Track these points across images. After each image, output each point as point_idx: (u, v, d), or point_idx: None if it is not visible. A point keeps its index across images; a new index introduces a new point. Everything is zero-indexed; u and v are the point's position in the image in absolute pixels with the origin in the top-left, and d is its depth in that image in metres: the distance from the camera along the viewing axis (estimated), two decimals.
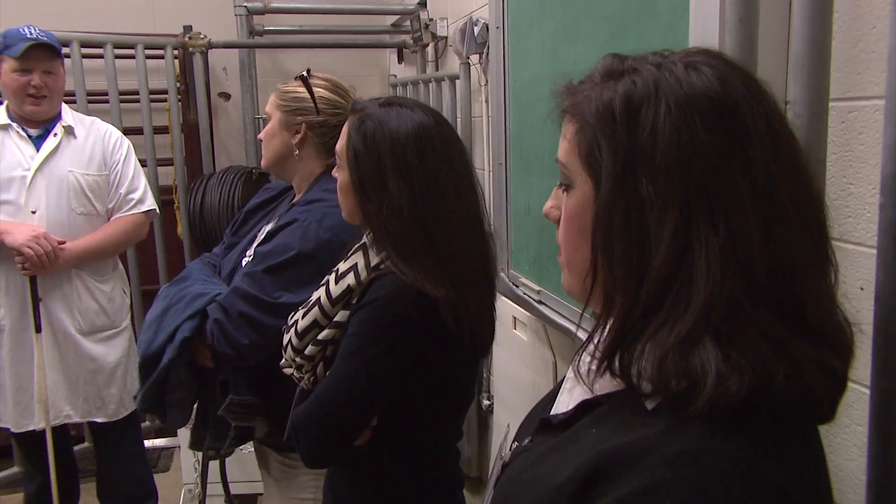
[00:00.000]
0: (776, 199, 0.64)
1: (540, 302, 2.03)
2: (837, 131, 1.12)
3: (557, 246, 0.78)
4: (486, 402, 2.85)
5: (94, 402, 2.72)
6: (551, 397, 0.87)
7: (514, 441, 0.88)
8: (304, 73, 1.76)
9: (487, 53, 2.66)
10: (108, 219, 2.73)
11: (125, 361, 2.77)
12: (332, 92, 1.78)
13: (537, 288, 2.06)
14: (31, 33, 2.52)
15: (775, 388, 0.61)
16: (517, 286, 2.17)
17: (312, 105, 1.74)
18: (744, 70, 0.70)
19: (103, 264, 2.75)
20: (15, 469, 3.33)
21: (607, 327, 0.70)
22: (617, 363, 0.68)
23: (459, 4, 3.17)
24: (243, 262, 1.76)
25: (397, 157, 1.27)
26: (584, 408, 0.74)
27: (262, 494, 1.91)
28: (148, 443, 3.25)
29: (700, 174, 0.64)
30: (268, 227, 1.77)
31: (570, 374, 0.80)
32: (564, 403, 0.80)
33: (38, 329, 2.60)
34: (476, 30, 2.68)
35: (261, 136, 1.83)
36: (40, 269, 2.51)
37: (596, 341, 0.71)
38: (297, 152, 1.76)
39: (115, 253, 2.80)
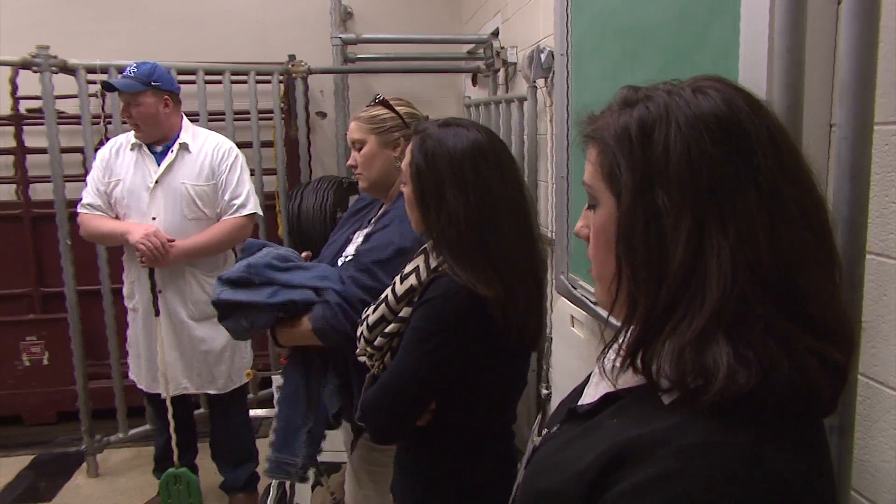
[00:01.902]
0: (780, 203, 0.64)
1: (596, 303, 2.00)
2: (881, 153, 1.07)
3: (589, 260, 0.78)
4: (544, 391, 2.81)
5: (206, 377, 2.83)
6: (580, 390, 0.87)
7: (545, 428, 0.87)
8: (381, 98, 1.78)
9: (552, 78, 2.63)
10: (218, 221, 2.80)
11: (232, 344, 2.86)
12: (407, 106, 1.82)
13: (594, 290, 2.03)
14: (131, 71, 2.64)
15: (780, 381, 0.60)
16: (575, 288, 2.14)
17: (400, 121, 1.77)
18: (747, 92, 0.69)
19: (214, 261, 2.84)
20: (147, 427, 3.48)
21: (630, 328, 0.70)
22: (640, 359, 0.68)
23: (528, 34, 3.14)
24: (339, 262, 1.79)
25: (454, 172, 1.28)
26: (606, 400, 0.74)
27: (345, 463, 1.93)
28: (252, 412, 3.32)
29: (709, 183, 0.64)
30: (365, 231, 1.80)
31: (596, 369, 0.80)
32: (591, 396, 0.80)
33: (157, 313, 2.72)
34: (542, 57, 2.66)
35: (352, 162, 1.82)
36: (154, 262, 2.62)
37: (620, 341, 0.71)
38: (399, 164, 1.77)
39: (220, 251, 2.85)
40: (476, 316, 1.24)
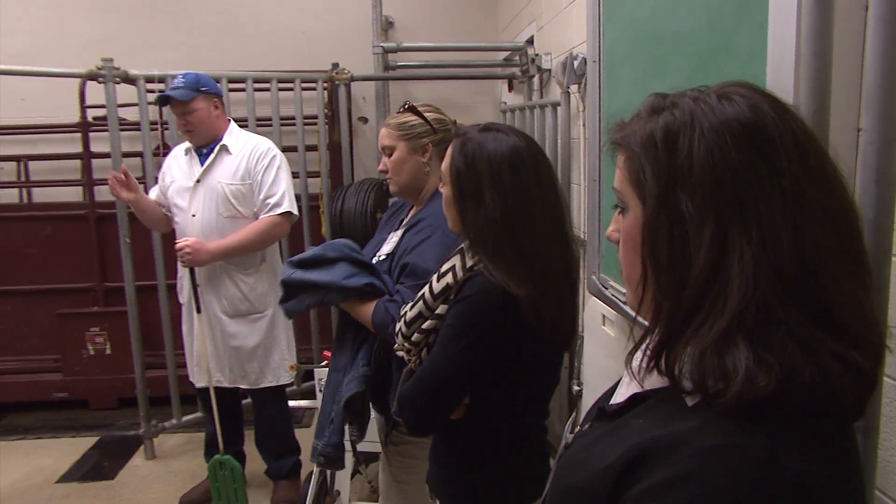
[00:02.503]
0: (805, 207, 0.62)
1: (626, 303, 1.97)
2: None
3: (620, 263, 0.77)
4: (576, 388, 2.79)
5: (238, 372, 2.86)
6: (613, 390, 0.86)
7: (577, 425, 0.86)
8: (410, 104, 1.77)
9: (585, 84, 2.60)
10: (256, 219, 2.80)
11: (265, 342, 2.87)
12: (436, 112, 1.81)
13: (625, 291, 2.00)
14: (174, 83, 2.71)
15: (801, 386, 0.58)
16: (606, 288, 2.11)
17: (429, 127, 1.76)
18: (774, 96, 0.67)
19: (250, 259, 2.83)
20: (199, 414, 3.53)
21: (656, 330, 0.68)
22: (663, 362, 0.66)
23: (561, 41, 3.12)
24: (374, 260, 1.79)
25: (493, 174, 1.27)
26: (634, 400, 0.73)
27: (380, 453, 1.94)
28: (294, 403, 3.36)
29: (732, 188, 0.62)
30: (398, 233, 1.79)
31: (626, 370, 0.78)
32: (621, 395, 0.78)
33: (199, 310, 2.77)
34: (575, 63, 2.63)
35: (383, 167, 1.81)
36: (192, 262, 2.68)
37: (647, 342, 0.70)
38: (428, 169, 1.77)
39: (255, 249, 2.81)
40: (509, 314, 1.23)
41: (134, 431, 3.63)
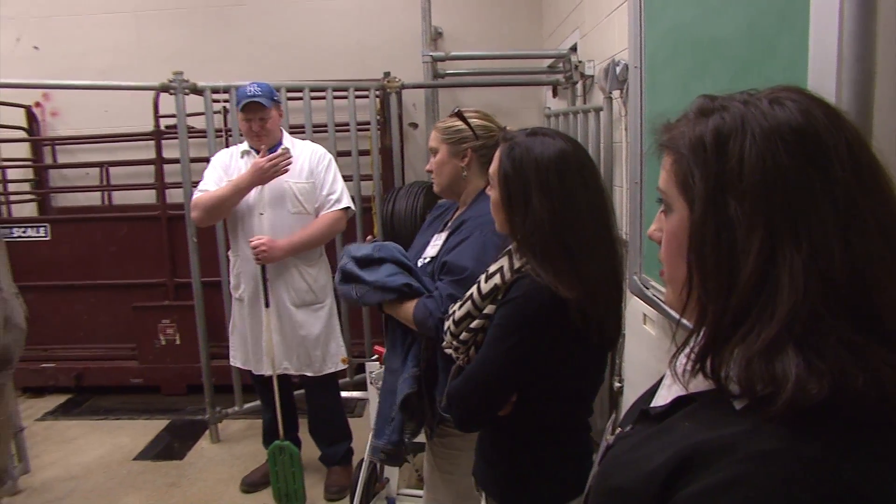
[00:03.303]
0: (857, 217, 0.58)
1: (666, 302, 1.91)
2: None
3: (661, 262, 0.74)
4: (617, 385, 2.72)
5: (303, 360, 2.89)
6: (652, 391, 0.82)
7: (618, 426, 0.83)
8: (458, 110, 1.75)
9: (627, 89, 2.54)
10: (317, 216, 2.86)
11: (325, 331, 2.90)
12: (483, 119, 1.78)
13: (665, 291, 1.94)
14: (250, 91, 2.73)
15: (854, 392, 0.54)
16: (647, 288, 2.05)
17: (472, 133, 1.73)
18: (826, 102, 0.63)
19: (313, 253, 2.89)
20: (258, 402, 3.59)
21: (701, 334, 0.65)
22: (708, 365, 0.63)
23: (604, 48, 3.05)
24: (419, 263, 1.78)
25: (541, 178, 1.23)
26: (678, 403, 0.69)
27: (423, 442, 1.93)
28: (346, 394, 3.38)
29: (783, 195, 0.58)
30: (443, 235, 1.78)
31: (669, 371, 0.75)
32: (663, 398, 0.75)
33: (268, 304, 2.80)
34: (617, 69, 2.57)
35: (429, 167, 1.83)
36: (267, 259, 2.70)
37: (691, 345, 0.66)
38: (466, 173, 1.75)
39: (321, 242, 2.90)
40: (556, 316, 1.20)
41: (200, 416, 3.71)
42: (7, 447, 2.51)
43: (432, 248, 1.76)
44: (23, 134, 5.16)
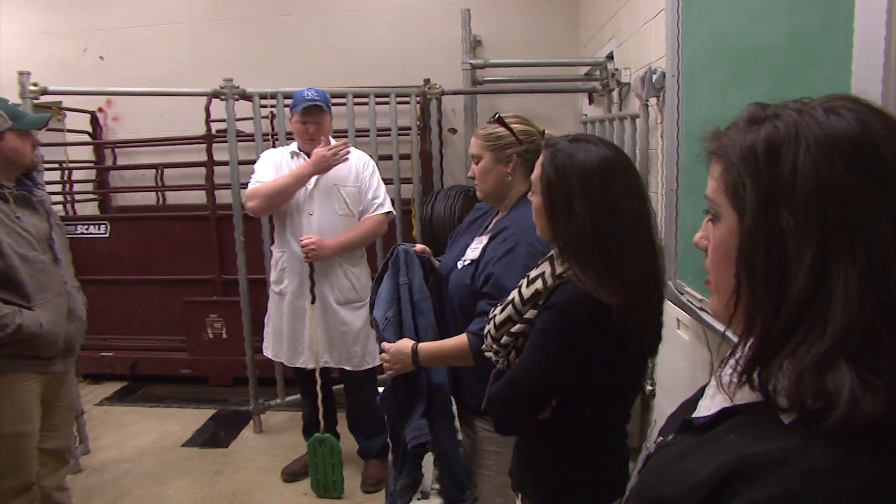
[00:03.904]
0: None
1: (701, 309, 1.86)
2: None
3: (706, 271, 0.70)
4: (649, 388, 2.67)
5: (343, 355, 2.90)
6: (694, 400, 0.78)
7: (659, 435, 0.80)
8: (498, 116, 1.72)
9: (663, 97, 2.49)
10: (359, 219, 2.88)
11: (366, 328, 2.91)
12: (524, 124, 1.73)
13: (700, 297, 1.88)
14: (308, 95, 2.75)
15: None
16: (682, 293, 2.00)
17: (515, 139, 1.70)
18: (885, 112, 0.58)
19: (355, 253, 2.92)
20: (299, 396, 3.62)
21: (748, 345, 0.61)
22: (756, 377, 0.59)
23: (640, 56, 2.99)
24: (458, 265, 1.75)
25: (584, 185, 1.19)
26: (723, 414, 0.66)
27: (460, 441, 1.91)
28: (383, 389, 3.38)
29: (839, 207, 0.55)
30: (484, 239, 1.73)
31: (712, 382, 0.71)
32: (706, 408, 0.71)
33: (314, 300, 2.82)
34: (654, 77, 2.52)
35: (471, 174, 1.79)
36: (316, 258, 2.73)
37: (738, 356, 0.62)
38: (511, 179, 1.72)
39: (364, 244, 2.94)
40: (598, 322, 1.16)
41: (245, 407, 3.76)
42: (70, 429, 2.57)
43: (472, 252, 1.74)
44: (87, 137, 5.32)
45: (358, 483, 3.01)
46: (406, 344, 1.74)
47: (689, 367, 2.15)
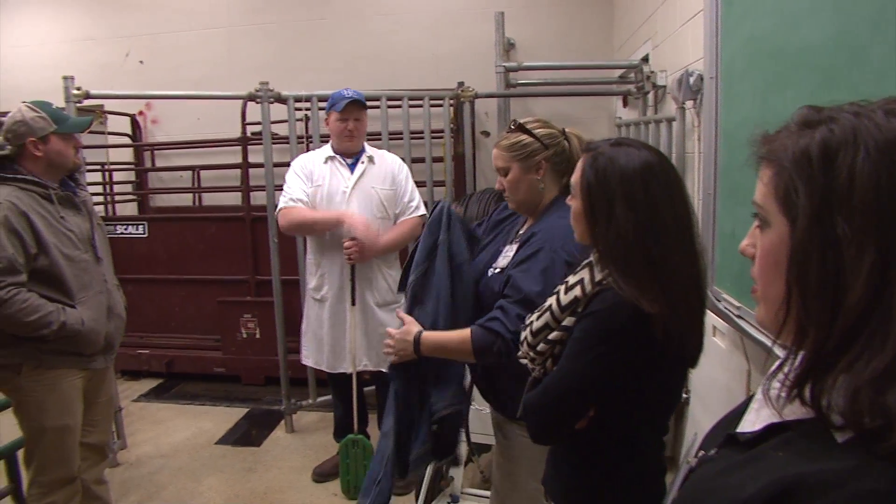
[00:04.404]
0: None
1: (739, 316, 1.82)
2: None
3: (753, 279, 0.67)
4: (683, 395, 2.62)
5: (381, 357, 2.89)
6: (737, 414, 0.75)
7: (700, 449, 0.77)
8: (518, 123, 1.69)
9: (700, 100, 2.45)
10: (394, 222, 2.90)
11: None
12: (546, 127, 1.69)
13: (737, 304, 1.84)
14: (347, 94, 2.78)
15: None
16: (719, 300, 1.96)
17: (540, 144, 1.67)
18: None
19: (391, 255, 2.94)
20: (330, 397, 3.64)
21: (798, 357, 0.59)
22: (807, 392, 0.57)
23: (676, 58, 2.95)
24: (489, 273, 1.73)
25: (625, 189, 1.16)
26: (771, 430, 0.63)
27: (492, 445, 1.90)
28: None
29: None
30: (512, 248, 1.71)
31: (758, 395, 0.68)
32: (751, 423, 0.68)
33: (353, 303, 2.83)
34: (691, 80, 2.48)
35: (500, 186, 1.74)
36: (359, 259, 2.74)
37: (787, 370, 0.60)
38: (542, 186, 1.69)
39: (402, 246, 2.96)
40: (638, 331, 1.14)
41: (277, 407, 3.81)
42: (109, 425, 2.63)
43: (503, 259, 1.72)
44: (127, 140, 5.45)
45: None
46: (410, 330, 1.73)
47: (726, 376, 2.11)
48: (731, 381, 2.06)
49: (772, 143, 0.63)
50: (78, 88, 3.19)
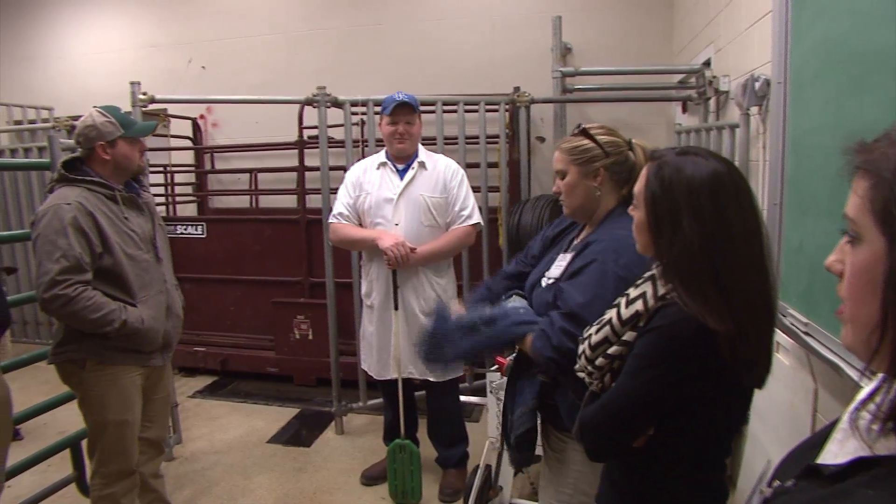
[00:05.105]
0: None
1: (807, 333, 1.73)
2: None
3: (832, 285, 0.62)
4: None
5: (428, 365, 2.89)
6: (816, 442, 0.70)
7: (774, 478, 0.72)
8: (583, 127, 1.66)
9: (766, 105, 2.36)
10: (446, 229, 2.87)
11: None
12: (610, 135, 1.66)
13: (805, 320, 1.76)
14: (398, 97, 2.77)
15: None
16: (784, 315, 1.88)
17: (601, 151, 1.63)
18: None
19: (441, 264, 2.90)
20: (381, 400, 3.65)
21: (894, 386, 0.54)
22: None
23: (741, 63, 2.85)
24: (542, 283, 1.70)
25: (692, 200, 1.11)
26: (859, 465, 0.58)
27: (539, 455, 1.86)
28: (466, 399, 3.36)
29: None
30: (568, 256, 1.67)
31: (843, 425, 0.63)
32: (834, 454, 0.63)
33: (396, 307, 2.83)
34: (757, 85, 2.39)
35: (556, 189, 1.71)
36: (398, 265, 2.73)
37: (880, 400, 0.55)
38: (599, 193, 1.65)
39: (450, 255, 2.92)
40: (703, 349, 1.08)
41: (327, 408, 3.84)
42: (166, 420, 2.71)
43: (556, 269, 1.68)
44: (188, 143, 5.63)
45: (436, 491, 3.00)
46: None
47: (789, 395, 2.01)
48: (795, 399, 1.97)
49: (870, 153, 0.59)
50: (144, 93, 3.31)
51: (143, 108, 3.33)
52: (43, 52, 6.24)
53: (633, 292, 1.22)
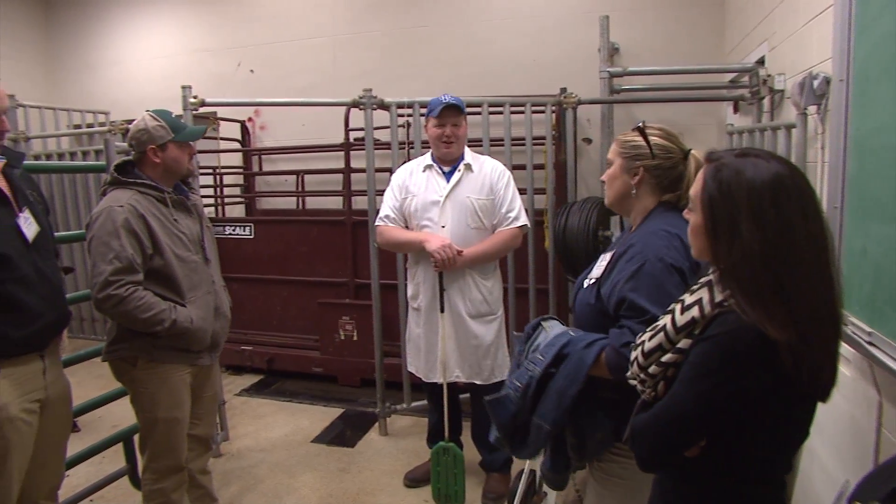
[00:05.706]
0: None
1: (870, 343, 1.65)
2: None
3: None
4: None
5: (474, 368, 2.87)
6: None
7: (854, 498, 0.68)
8: (641, 124, 1.63)
9: (826, 104, 2.26)
10: (493, 231, 2.85)
11: (497, 341, 2.88)
12: (665, 139, 1.63)
13: (868, 329, 1.67)
14: (444, 99, 2.77)
15: None
16: (846, 324, 1.79)
17: (648, 151, 1.61)
18: None
19: (487, 266, 2.89)
20: (425, 402, 3.65)
21: None
22: None
23: (797, 60, 2.75)
24: (584, 284, 1.69)
25: (752, 205, 1.07)
26: None
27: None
28: None
29: None
30: (605, 257, 1.67)
31: None
32: None
33: (442, 310, 2.82)
34: (815, 83, 2.29)
35: (603, 177, 1.74)
36: (445, 267, 2.72)
37: None
38: (635, 192, 1.64)
39: (496, 258, 2.90)
40: (763, 359, 1.04)
41: (371, 409, 3.86)
42: (214, 418, 2.76)
43: (597, 269, 1.66)
44: (237, 145, 5.76)
45: (479, 495, 2.99)
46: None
47: (850, 406, 1.92)
48: (857, 412, 1.88)
49: None
50: (195, 97, 3.39)
51: (194, 112, 3.41)
52: (100, 59, 6.48)
53: (688, 298, 1.18)
